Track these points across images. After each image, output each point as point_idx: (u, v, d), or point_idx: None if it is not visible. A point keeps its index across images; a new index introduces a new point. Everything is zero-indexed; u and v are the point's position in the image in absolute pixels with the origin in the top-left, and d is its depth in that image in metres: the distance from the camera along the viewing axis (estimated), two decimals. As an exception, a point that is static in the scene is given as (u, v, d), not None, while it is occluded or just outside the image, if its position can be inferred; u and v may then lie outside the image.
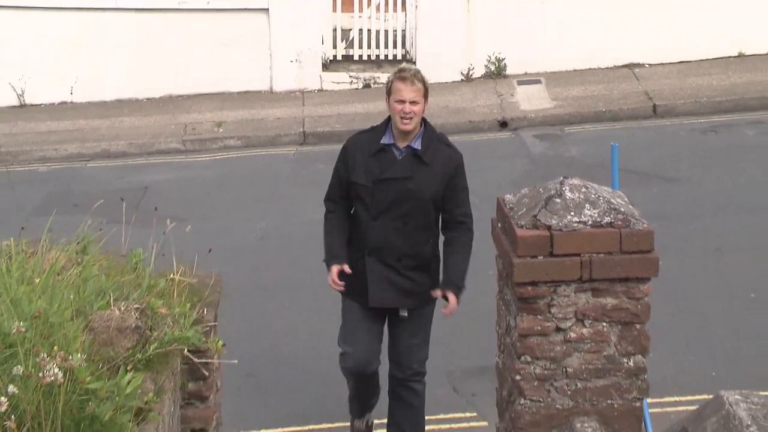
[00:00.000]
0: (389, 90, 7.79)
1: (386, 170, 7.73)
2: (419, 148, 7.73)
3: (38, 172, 17.43)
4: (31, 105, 19.52)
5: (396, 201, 7.68)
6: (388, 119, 7.94)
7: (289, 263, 12.73)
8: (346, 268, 7.69)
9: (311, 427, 9.60)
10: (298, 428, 9.69)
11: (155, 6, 19.34)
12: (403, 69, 7.88)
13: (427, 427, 7.30)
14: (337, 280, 7.68)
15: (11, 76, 19.20)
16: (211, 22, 19.37)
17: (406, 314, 7.84)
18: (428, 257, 7.88)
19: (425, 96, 7.73)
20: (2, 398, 3.80)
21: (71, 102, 19.57)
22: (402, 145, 7.76)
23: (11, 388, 3.88)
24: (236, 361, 6.25)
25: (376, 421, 8.45)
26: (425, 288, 7.83)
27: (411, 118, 7.61)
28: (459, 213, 7.83)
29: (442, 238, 7.97)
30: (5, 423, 3.78)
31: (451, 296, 7.61)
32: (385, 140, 7.80)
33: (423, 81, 7.72)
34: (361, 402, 8.33)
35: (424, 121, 7.87)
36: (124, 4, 19.28)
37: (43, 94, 19.47)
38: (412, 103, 7.58)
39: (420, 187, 7.68)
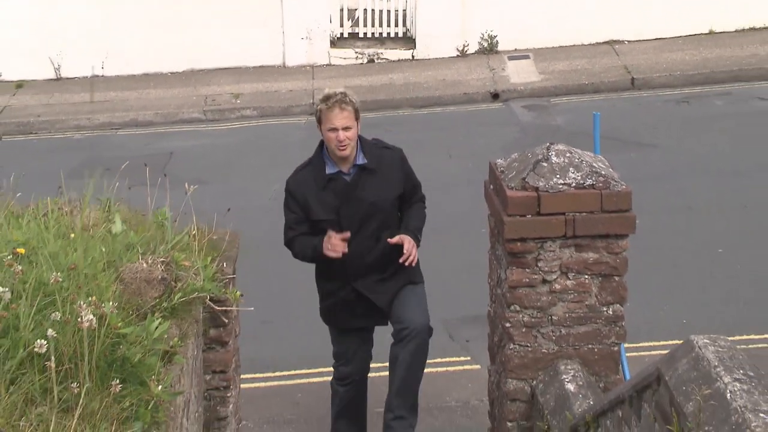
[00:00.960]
0: (319, 119, 7.15)
1: (343, 197, 7.18)
2: (366, 161, 7.20)
3: (73, 140, 17.42)
4: (67, 78, 19.50)
5: (364, 220, 7.18)
6: (321, 145, 7.29)
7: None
8: (342, 234, 7.09)
9: (321, 369, 9.62)
10: (309, 371, 9.72)
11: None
12: (329, 96, 7.08)
13: (425, 370, 7.18)
14: (336, 240, 7.01)
15: (49, 51, 19.18)
16: (229, 2, 19.30)
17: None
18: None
19: (357, 118, 7.12)
20: (42, 341, 3.82)
21: (102, 75, 19.55)
22: (347, 168, 7.19)
23: (50, 332, 3.90)
24: (252, 308, 6.29)
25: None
26: (412, 276, 7.39)
27: (347, 145, 7.03)
28: (415, 200, 7.54)
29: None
30: (45, 363, 3.80)
31: (406, 238, 7.10)
32: (330, 170, 7.19)
33: (352, 103, 7.08)
34: (349, 421, 7.83)
35: (358, 137, 7.23)
36: (148, -15, 19.25)
37: (77, 68, 19.45)
38: (345, 129, 6.98)
39: (381, 197, 7.22)
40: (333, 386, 7.78)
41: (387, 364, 7.31)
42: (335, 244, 7.02)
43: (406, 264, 7.07)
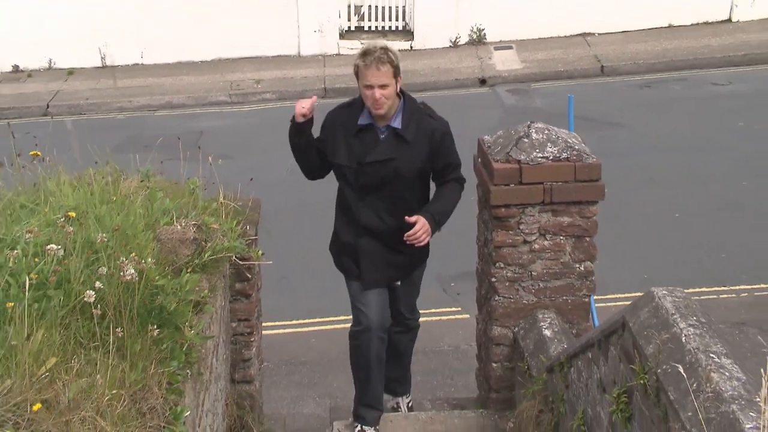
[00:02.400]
0: (356, 73, 5.99)
1: (369, 152, 6.04)
2: (399, 126, 6.02)
3: (116, 120, 17.41)
4: (111, 66, 19.49)
5: (382, 183, 6.07)
6: None
7: (313, 191, 12.71)
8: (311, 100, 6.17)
9: (332, 318, 9.67)
10: (321, 319, 9.76)
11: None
12: (367, 52, 5.90)
13: (420, 320, 6.96)
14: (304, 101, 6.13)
15: (97, 43, 19.17)
16: (251, 0, 19.26)
17: (399, 283, 6.53)
18: None
19: (395, 75, 5.90)
20: (91, 292, 3.83)
21: (142, 64, 19.52)
22: (382, 124, 6.05)
23: (98, 284, 3.91)
24: (271, 262, 6.30)
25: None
26: (419, 257, 6.47)
27: (383, 103, 5.89)
28: (450, 178, 6.32)
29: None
30: (93, 311, 3.80)
31: (422, 219, 6.01)
32: (362, 121, 6.07)
33: (390, 61, 5.86)
34: (376, 394, 6.66)
35: (403, 94, 6.09)
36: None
37: (120, 57, 19.45)
38: (381, 87, 5.84)
39: (405, 167, 6.05)
40: (351, 343, 6.59)
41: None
42: (302, 102, 6.12)
43: (407, 241, 6.02)
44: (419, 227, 5.96)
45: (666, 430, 3.99)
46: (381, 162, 6.02)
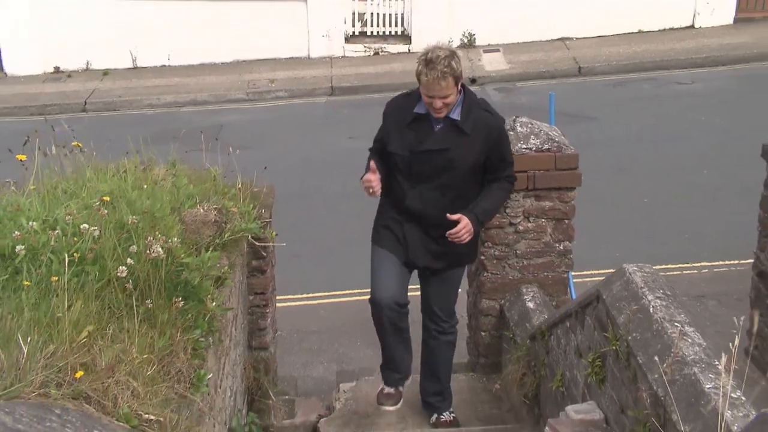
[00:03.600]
0: (418, 77, 5.30)
1: (423, 141, 5.41)
2: (458, 118, 5.36)
3: (146, 115, 17.38)
4: (141, 67, 19.46)
5: (434, 172, 5.43)
6: None
7: (323, 178, 12.77)
8: (376, 179, 5.44)
9: (337, 292, 9.68)
10: (329, 293, 9.76)
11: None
12: (430, 62, 5.18)
13: (417, 293, 6.16)
14: (372, 176, 5.41)
15: (128, 46, 19.16)
16: (268, 8, 19.23)
17: (432, 275, 5.85)
18: None
19: (457, 83, 5.24)
20: (123, 267, 3.83)
21: (169, 65, 19.49)
22: (439, 115, 5.39)
23: (129, 261, 3.91)
24: (285, 244, 6.29)
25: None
26: (463, 252, 5.72)
27: (443, 111, 5.31)
28: (504, 176, 5.61)
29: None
30: (125, 285, 3.81)
31: (465, 218, 5.37)
32: (419, 110, 5.42)
33: (452, 71, 5.16)
34: (392, 360, 6.12)
35: (462, 87, 5.40)
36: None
37: (149, 59, 19.42)
38: (442, 98, 5.23)
39: (460, 158, 5.38)
40: (372, 312, 5.89)
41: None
42: (368, 180, 5.41)
43: (449, 238, 5.40)
44: (462, 226, 5.34)
45: (635, 390, 4.00)
46: (436, 151, 5.40)
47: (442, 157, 5.39)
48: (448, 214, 5.36)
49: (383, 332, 5.91)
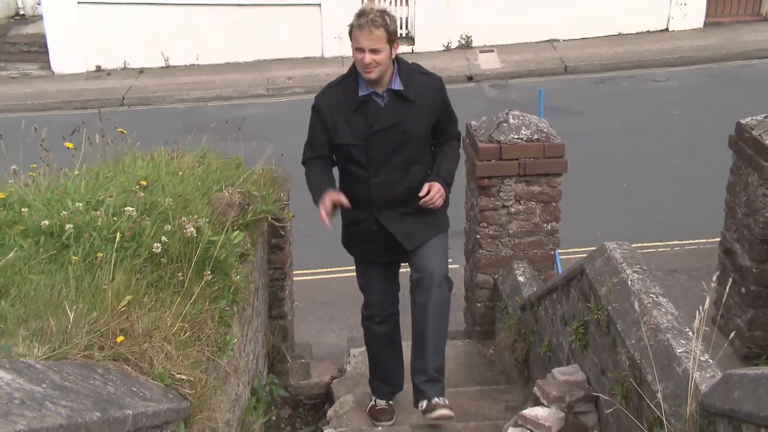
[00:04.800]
0: (349, 34, 4.68)
1: (375, 122, 4.71)
2: (401, 88, 4.71)
3: (177, 109, 17.35)
4: (173, 66, 19.40)
5: (393, 151, 4.75)
6: (355, 66, 4.78)
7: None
8: (342, 199, 4.80)
9: (348, 267, 9.53)
10: (341, 268, 9.72)
11: (250, 2, 19.20)
12: (361, 13, 4.60)
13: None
14: (328, 208, 4.77)
15: (161, 48, 19.14)
16: (286, 12, 19.17)
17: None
18: None
19: (390, 41, 4.60)
20: (158, 244, 3.84)
21: (197, 64, 19.43)
22: (381, 90, 4.72)
23: (163, 239, 3.92)
24: (302, 225, 6.30)
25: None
26: (440, 218, 5.07)
27: (373, 68, 4.59)
28: (451, 134, 5.04)
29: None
30: (160, 260, 3.82)
31: (435, 184, 4.79)
32: (363, 92, 4.73)
33: (384, 25, 4.55)
34: (385, 372, 5.49)
35: (396, 58, 4.75)
36: (230, 0, 19.14)
37: (180, 58, 19.36)
38: (372, 51, 4.55)
39: (413, 128, 4.75)
40: (363, 324, 5.47)
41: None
42: (324, 211, 4.79)
43: (421, 204, 4.77)
44: (434, 192, 4.76)
45: (614, 354, 4.00)
46: (390, 128, 4.71)
47: (396, 131, 4.72)
48: (419, 195, 4.75)
49: (378, 347, 5.40)
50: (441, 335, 5.05)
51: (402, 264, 5.31)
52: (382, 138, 4.74)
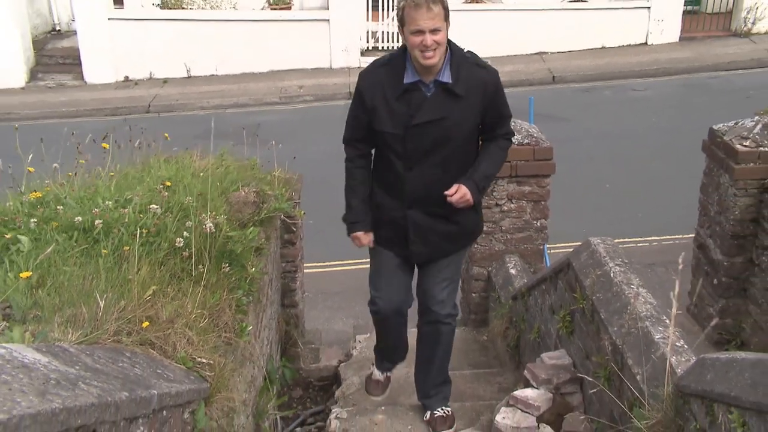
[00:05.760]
0: (402, 19, 3.83)
1: (416, 114, 3.91)
2: (449, 81, 3.89)
3: (198, 115, 17.31)
4: (194, 76, 19.38)
5: (433, 147, 3.97)
6: (405, 48, 3.93)
7: (342, 168, 12.76)
8: (370, 241, 4.34)
9: (355, 260, 9.62)
10: (349, 261, 9.73)
11: (265, 18, 19.23)
12: None
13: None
14: (363, 244, 4.37)
15: (183, 59, 19.13)
16: (297, 27, 19.14)
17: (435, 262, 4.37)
18: None
19: (446, 18, 3.82)
20: (180, 239, 3.83)
21: (216, 74, 19.40)
22: (428, 79, 3.90)
23: (185, 234, 3.91)
24: (312, 222, 6.28)
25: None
26: (471, 228, 4.37)
27: (435, 50, 3.77)
28: (500, 134, 4.21)
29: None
30: (182, 253, 3.81)
31: (463, 187, 4.02)
32: (408, 79, 3.90)
33: (442, 2, 3.78)
34: (388, 351, 4.93)
35: (448, 43, 3.93)
36: (246, 16, 19.20)
37: (200, 69, 19.34)
38: (433, 31, 3.74)
39: (457, 126, 3.95)
40: (369, 306, 4.62)
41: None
42: (359, 240, 4.40)
43: (448, 199, 4.01)
44: (458, 197, 4.01)
45: (598, 340, 3.99)
46: (432, 122, 3.93)
47: (438, 127, 3.94)
48: (445, 192, 4.02)
49: (386, 333, 4.73)
50: (445, 360, 4.70)
51: None
52: (422, 132, 3.95)
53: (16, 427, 1.58)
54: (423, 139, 3.97)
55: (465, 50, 4.05)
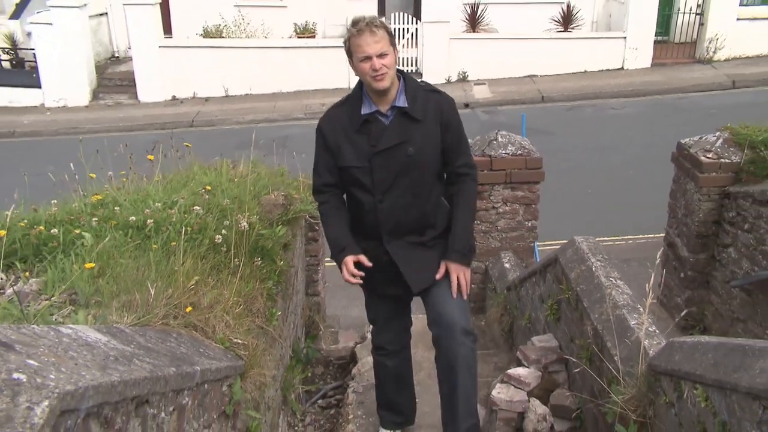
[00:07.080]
0: (349, 50, 3.33)
1: (378, 142, 3.38)
2: (406, 105, 3.37)
3: (234, 129, 17.37)
4: (231, 95, 19.46)
5: (399, 174, 3.40)
6: (360, 84, 3.44)
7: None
8: (363, 260, 3.46)
9: (369, 255, 9.66)
10: (363, 256, 9.73)
11: (292, 45, 19.27)
12: (355, 21, 3.29)
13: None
14: (354, 272, 3.44)
15: (222, 82, 19.22)
16: (320, 53, 19.18)
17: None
18: (448, 213, 3.55)
19: (392, 44, 3.31)
20: (219, 236, 3.84)
21: (251, 94, 19.46)
22: (385, 108, 3.39)
23: (223, 232, 3.91)
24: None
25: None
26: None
27: (384, 73, 3.28)
28: (460, 164, 3.52)
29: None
30: (221, 248, 3.82)
31: (453, 268, 3.47)
32: (366, 110, 3.40)
33: (384, 26, 3.30)
34: (391, 401, 4.09)
35: (400, 73, 3.42)
36: (276, 44, 19.25)
37: (237, 89, 19.43)
38: (381, 56, 3.26)
39: (421, 149, 3.38)
40: (372, 355, 4.10)
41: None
42: (351, 273, 3.46)
43: (455, 295, 3.48)
44: (457, 284, 3.49)
45: (581, 325, 3.98)
46: (394, 148, 3.38)
47: (401, 152, 3.39)
48: (436, 276, 3.50)
49: (386, 378, 4.05)
50: (471, 394, 3.55)
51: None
52: (387, 159, 3.40)
53: (82, 397, 1.59)
54: (388, 166, 3.41)
55: (419, 80, 3.53)
